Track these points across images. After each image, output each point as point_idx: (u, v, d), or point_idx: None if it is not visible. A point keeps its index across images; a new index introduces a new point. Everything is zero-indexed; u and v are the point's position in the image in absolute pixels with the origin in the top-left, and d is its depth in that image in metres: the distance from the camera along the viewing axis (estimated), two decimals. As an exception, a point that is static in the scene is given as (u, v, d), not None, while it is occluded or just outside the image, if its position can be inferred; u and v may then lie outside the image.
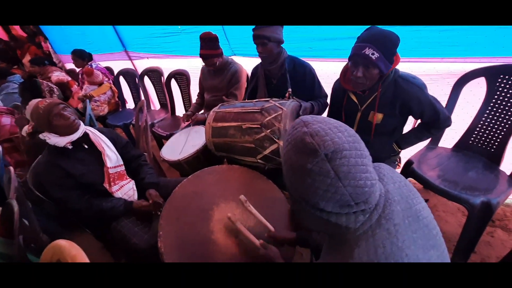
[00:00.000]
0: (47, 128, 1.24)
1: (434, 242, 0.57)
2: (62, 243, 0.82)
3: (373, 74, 1.14)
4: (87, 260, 0.76)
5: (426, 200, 1.80)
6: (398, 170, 1.55)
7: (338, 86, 1.44)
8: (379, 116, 1.28)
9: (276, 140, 1.30)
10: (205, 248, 1.06)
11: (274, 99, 1.45)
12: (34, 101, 1.23)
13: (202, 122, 1.99)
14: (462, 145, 1.52)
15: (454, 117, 1.51)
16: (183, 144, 1.83)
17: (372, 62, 1.08)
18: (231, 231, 1.13)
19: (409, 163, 1.47)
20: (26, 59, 4.22)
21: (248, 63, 2.13)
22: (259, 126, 1.32)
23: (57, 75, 3.45)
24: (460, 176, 1.32)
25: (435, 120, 1.24)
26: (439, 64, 1.50)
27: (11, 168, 1.39)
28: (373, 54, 1.07)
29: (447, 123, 1.27)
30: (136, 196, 1.47)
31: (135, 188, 1.48)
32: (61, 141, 1.26)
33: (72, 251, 0.78)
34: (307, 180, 0.51)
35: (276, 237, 1.03)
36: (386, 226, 0.53)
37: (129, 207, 1.36)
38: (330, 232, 0.60)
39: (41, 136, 1.25)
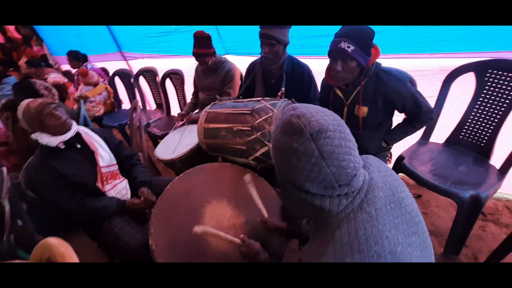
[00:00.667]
0: (38, 128, 1.24)
1: (416, 229, 0.58)
2: (52, 241, 0.82)
3: (351, 67, 1.16)
4: (75, 258, 0.77)
5: (419, 196, 1.83)
6: (389, 165, 1.56)
7: (324, 83, 1.47)
8: (364, 109, 1.30)
9: (267, 143, 1.30)
10: (196, 246, 1.07)
11: (266, 98, 1.45)
12: (26, 101, 1.23)
13: (196, 121, 1.99)
14: (453, 140, 1.53)
15: (444, 112, 1.52)
16: (177, 143, 1.84)
17: (349, 55, 1.12)
18: (222, 229, 1.13)
19: (400, 158, 1.48)
20: (22, 61, 4.21)
21: (241, 62, 2.13)
22: (249, 128, 1.32)
23: (53, 76, 3.44)
24: (450, 171, 1.33)
25: (417, 113, 1.26)
26: (429, 60, 1.51)
27: (4, 169, 1.40)
28: (348, 47, 1.10)
29: (429, 116, 1.29)
30: (129, 195, 1.48)
31: (128, 187, 1.49)
32: (53, 140, 1.26)
33: (61, 248, 0.78)
34: (293, 161, 0.53)
35: (267, 223, 1.06)
36: (368, 209, 0.55)
37: (121, 206, 1.36)
38: (314, 216, 0.62)
39: (33, 136, 1.26)
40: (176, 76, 2.67)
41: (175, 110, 2.88)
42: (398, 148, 1.57)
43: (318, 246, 0.58)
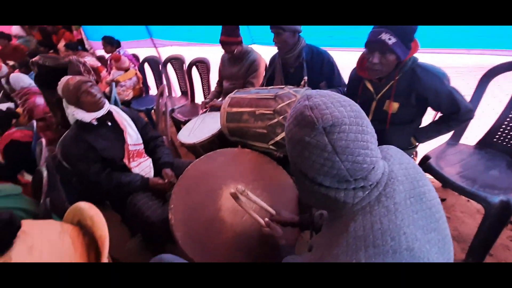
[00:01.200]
0: (75, 103, 1.34)
1: (436, 226, 0.56)
2: (82, 205, 0.89)
3: (389, 61, 1.11)
4: (104, 221, 0.83)
5: (443, 200, 1.75)
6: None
7: (354, 75, 1.42)
8: (395, 105, 1.25)
9: None
10: (212, 224, 1.11)
11: (289, 86, 1.46)
12: (65, 78, 1.33)
13: (218, 109, 2.03)
14: (485, 142, 1.45)
15: (479, 113, 1.43)
16: (200, 129, 1.89)
17: (389, 48, 1.06)
18: (238, 211, 1.17)
19: (425, 158, 1.42)
20: (61, 44, 4.49)
21: (267, 52, 2.13)
22: (272, 112, 1.34)
23: (88, 60, 3.64)
24: (479, 174, 1.27)
25: (454, 112, 1.19)
26: (465, 56, 1.43)
27: (43, 140, 1.53)
28: (389, 39, 1.05)
29: (468, 115, 1.21)
30: (152, 174, 1.55)
31: (151, 166, 1.56)
32: (87, 116, 1.35)
33: (91, 212, 0.85)
34: (304, 153, 0.51)
35: (279, 220, 1.04)
36: (386, 203, 0.52)
37: (145, 183, 1.44)
38: (328, 207, 0.60)
39: (69, 111, 1.36)
40: (202, 64, 2.73)
41: (199, 98, 2.95)
42: (424, 147, 1.50)
43: (331, 236, 0.56)
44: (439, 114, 1.31)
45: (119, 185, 1.39)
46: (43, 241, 0.75)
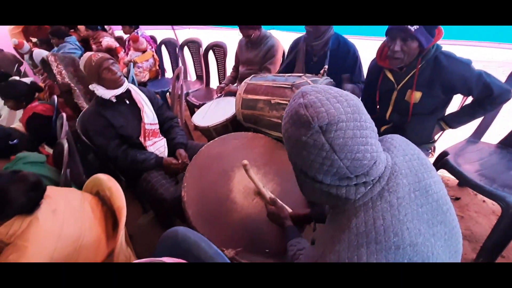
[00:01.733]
0: (96, 80, 1.36)
1: (443, 218, 0.54)
2: (101, 176, 0.93)
3: (412, 48, 1.07)
4: (121, 192, 0.86)
5: (457, 198, 1.71)
6: (431, 159, 1.47)
7: (373, 65, 1.38)
8: (417, 95, 1.21)
9: None
10: (223, 204, 1.13)
11: (307, 75, 1.43)
12: (88, 54, 1.35)
13: (234, 94, 2.03)
14: (508, 142, 1.39)
15: (503, 112, 1.37)
16: (214, 113, 1.90)
17: (411, 34, 1.03)
18: (249, 194, 1.18)
19: (443, 154, 1.39)
20: (81, 24, 4.55)
21: (286, 38, 2.09)
22: (287, 102, 1.32)
23: (107, 40, 3.68)
24: (499, 173, 1.22)
25: (488, 95, 1.13)
26: (494, 51, 1.36)
27: (64, 115, 1.57)
28: (412, 25, 1.00)
29: (505, 97, 1.13)
30: (166, 153, 1.58)
31: (166, 146, 1.59)
32: (107, 93, 1.38)
33: (109, 183, 0.89)
34: (303, 153, 0.50)
35: (292, 216, 1.03)
36: (389, 198, 0.51)
37: (159, 161, 1.48)
38: (330, 204, 0.59)
39: (90, 87, 1.39)
40: (219, 48, 2.71)
41: (214, 82, 2.95)
42: (443, 144, 1.46)
43: (333, 232, 0.55)
44: (469, 100, 1.25)
45: (134, 162, 1.42)
46: (66, 206, 0.79)
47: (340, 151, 0.47)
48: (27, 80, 2.26)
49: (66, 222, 0.76)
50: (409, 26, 1.02)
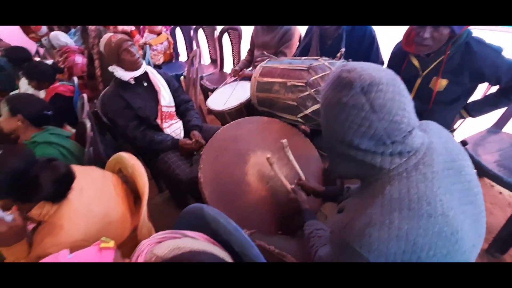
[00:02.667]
0: (115, 61, 1.39)
1: (473, 199, 0.56)
2: (124, 154, 0.97)
3: (442, 35, 1.03)
4: (143, 171, 0.90)
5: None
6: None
7: (398, 49, 1.33)
8: (443, 82, 1.16)
9: (319, 100, 1.28)
10: (238, 186, 1.16)
11: (324, 58, 1.40)
12: (108, 35, 1.37)
13: (248, 78, 2.02)
14: (532, 133, 1.34)
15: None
16: (228, 97, 1.90)
17: None
18: (263, 177, 1.21)
19: (463, 143, 1.36)
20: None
21: (303, 22, 2.04)
22: (304, 84, 1.31)
23: (122, 23, 3.69)
24: (520, 165, 1.19)
25: None
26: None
27: (85, 95, 1.62)
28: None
29: None
30: (182, 135, 1.62)
31: (182, 128, 1.63)
32: (126, 75, 1.41)
33: (131, 160, 0.92)
34: (342, 116, 0.52)
35: (304, 185, 1.08)
36: (423, 171, 0.52)
37: (175, 143, 1.51)
38: (362, 175, 0.60)
39: (110, 68, 1.42)
40: (234, 31, 2.68)
41: (228, 66, 2.93)
42: (462, 133, 1.43)
43: (364, 199, 0.56)
44: (492, 90, 1.21)
45: (152, 143, 1.47)
46: (90, 185, 0.84)
47: (380, 111, 0.49)
48: (48, 61, 2.32)
49: (93, 200, 0.81)
50: None
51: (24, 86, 2.14)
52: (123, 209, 0.88)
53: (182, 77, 3.06)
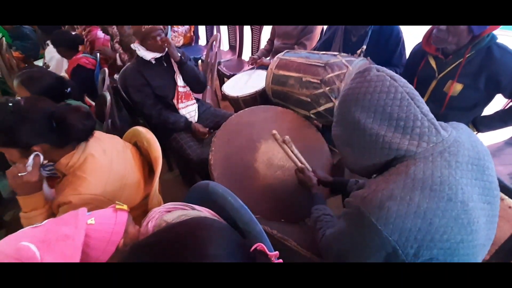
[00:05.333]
0: (141, 42, 1.42)
1: (491, 200, 0.57)
2: (140, 128, 1.01)
3: (459, 30, 1.00)
4: (158, 144, 0.93)
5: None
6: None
7: (417, 49, 1.31)
8: (458, 86, 1.14)
9: (333, 99, 1.27)
10: (247, 171, 1.19)
11: (343, 54, 1.38)
12: None
13: (266, 67, 2.02)
14: (551, 149, 1.30)
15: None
16: (244, 84, 1.92)
17: None
18: (272, 165, 1.23)
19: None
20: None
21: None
22: (319, 81, 1.30)
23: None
24: (534, 180, 1.17)
25: None
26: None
27: (106, 70, 1.67)
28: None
29: None
30: (196, 118, 1.66)
31: (197, 111, 1.66)
32: (148, 55, 1.44)
33: (147, 135, 0.96)
34: (369, 89, 0.58)
35: (314, 174, 1.09)
36: (448, 158, 0.54)
37: (188, 125, 1.56)
38: (382, 165, 0.61)
39: (132, 46, 1.46)
40: (256, 19, 2.66)
41: (246, 54, 2.92)
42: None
43: (387, 177, 0.57)
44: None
45: (166, 122, 1.51)
46: (112, 149, 0.89)
47: (399, 80, 0.57)
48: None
49: (114, 162, 0.86)
50: None
51: (49, 55, 2.21)
52: (138, 176, 0.93)
53: (199, 61, 3.08)
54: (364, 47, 1.47)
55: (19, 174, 0.73)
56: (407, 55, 1.48)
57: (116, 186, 0.83)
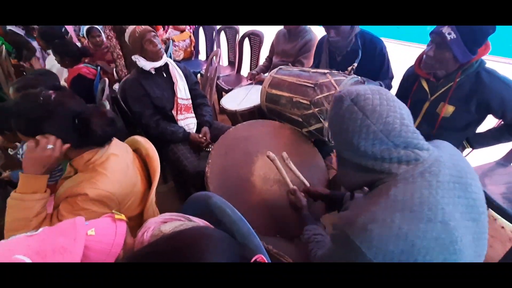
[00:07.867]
0: (139, 51, 1.45)
1: (476, 217, 0.57)
2: (139, 138, 1.01)
3: (444, 57, 1.05)
4: (157, 155, 0.93)
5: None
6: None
7: (410, 72, 1.35)
8: (450, 108, 1.18)
9: (322, 120, 1.30)
10: (243, 185, 1.19)
11: (333, 72, 1.39)
12: (132, 26, 1.44)
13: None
14: (541, 170, 1.34)
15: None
16: (242, 98, 1.94)
17: (445, 43, 1.00)
18: (268, 180, 1.23)
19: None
20: None
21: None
22: (308, 103, 1.33)
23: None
24: (526, 200, 1.19)
25: None
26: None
27: (106, 80, 1.68)
28: (449, 33, 0.99)
29: None
30: (194, 130, 1.66)
31: (195, 123, 1.67)
32: (147, 65, 1.46)
33: (146, 144, 0.96)
34: (343, 126, 0.60)
35: (310, 191, 1.10)
36: (429, 179, 0.55)
37: (186, 136, 1.56)
38: (370, 183, 0.63)
39: (133, 57, 1.48)
40: (255, 37, 2.74)
41: (245, 70, 2.99)
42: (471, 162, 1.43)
43: (369, 199, 0.59)
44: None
45: (164, 133, 1.51)
46: (125, 155, 0.90)
47: (371, 116, 0.56)
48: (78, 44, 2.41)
49: (130, 167, 0.87)
50: (446, 34, 0.99)
51: (49, 63, 2.22)
52: (141, 187, 0.93)
53: (199, 75, 3.13)
54: (355, 64, 1.50)
55: (48, 146, 0.72)
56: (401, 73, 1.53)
57: (127, 190, 0.83)
